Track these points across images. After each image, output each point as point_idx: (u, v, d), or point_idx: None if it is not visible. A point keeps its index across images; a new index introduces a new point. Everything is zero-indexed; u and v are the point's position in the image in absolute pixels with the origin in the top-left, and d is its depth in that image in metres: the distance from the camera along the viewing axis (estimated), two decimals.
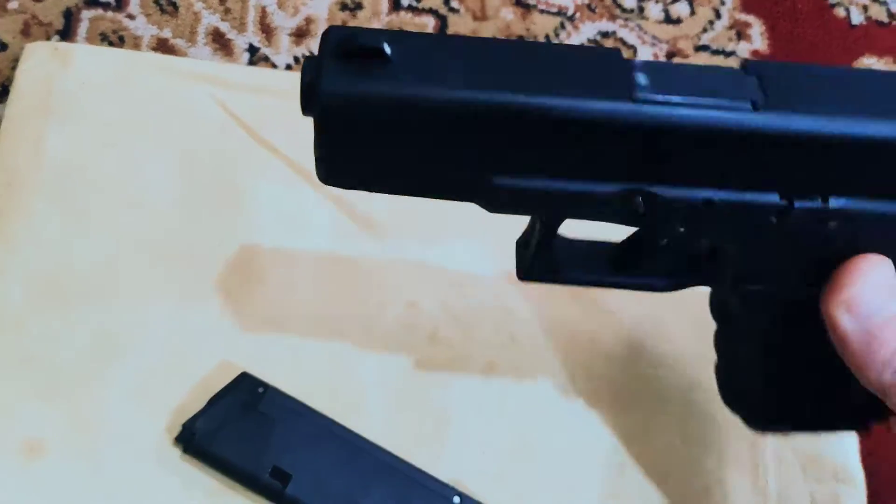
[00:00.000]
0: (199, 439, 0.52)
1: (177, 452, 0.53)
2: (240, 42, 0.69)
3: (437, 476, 0.52)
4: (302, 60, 0.69)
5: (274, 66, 0.69)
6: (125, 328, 0.56)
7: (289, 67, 0.69)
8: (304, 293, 0.58)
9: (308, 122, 0.40)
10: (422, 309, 0.59)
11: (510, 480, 0.54)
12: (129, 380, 0.55)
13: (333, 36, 0.36)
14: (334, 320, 0.58)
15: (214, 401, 0.53)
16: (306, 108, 0.37)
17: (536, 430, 0.56)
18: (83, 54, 0.64)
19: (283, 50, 0.69)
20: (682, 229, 0.39)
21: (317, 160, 0.39)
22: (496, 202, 0.40)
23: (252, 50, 0.69)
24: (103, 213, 0.59)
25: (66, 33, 0.68)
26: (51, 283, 0.57)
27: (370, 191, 0.40)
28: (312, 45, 0.70)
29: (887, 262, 0.39)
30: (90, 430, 0.53)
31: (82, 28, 0.68)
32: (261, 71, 0.68)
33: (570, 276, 0.45)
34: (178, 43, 0.69)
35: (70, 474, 0.52)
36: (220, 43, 0.69)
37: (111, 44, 0.68)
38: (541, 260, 0.43)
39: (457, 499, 0.51)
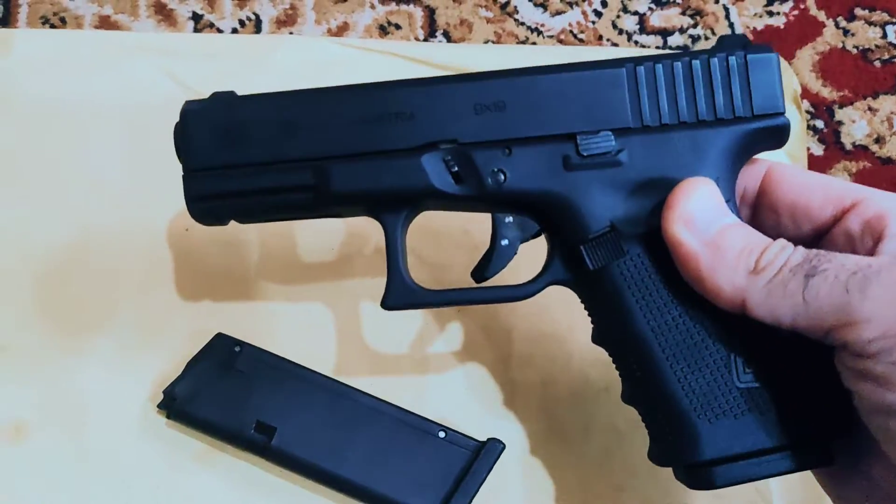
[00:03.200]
0: (180, 404, 0.52)
1: (161, 420, 0.54)
2: (183, 11, 0.68)
3: (422, 414, 0.53)
4: (248, 24, 0.68)
5: (220, 31, 0.68)
6: (94, 307, 0.56)
7: (235, 31, 0.68)
8: (270, 251, 0.58)
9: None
10: None
11: (495, 414, 0.55)
12: (106, 354, 0.55)
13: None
14: (303, 274, 0.58)
15: (192, 364, 0.53)
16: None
17: (514, 365, 0.56)
18: (24, 38, 0.63)
19: (227, 14, 0.69)
20: (501, 177, 0.43)
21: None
22: (338, 211, 0.46)
23: (196, 17, 0.68)
24: (60, 194, 0.59)
25: (6, 20, 0.67)
26: (14, 267, 0.57)
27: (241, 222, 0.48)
28: (256, 7, 0.69)
29: (709, 180, 0.41)
30: (72, 408, 0.54)
31: (22, 13, 0.67)
32: (207, 37, 0.67)
33: (427, 300, 0.46)
34: (121, 18, 0.68)
35: (57, 452, 0.53)
36: (164, 14, 0.68)
37: (53, 26, 0.67)
38: (397, 288, 0.46)
39: (442, 433, 0.52)
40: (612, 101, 0.43)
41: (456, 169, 0.44)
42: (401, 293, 0.46)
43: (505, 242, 0.45)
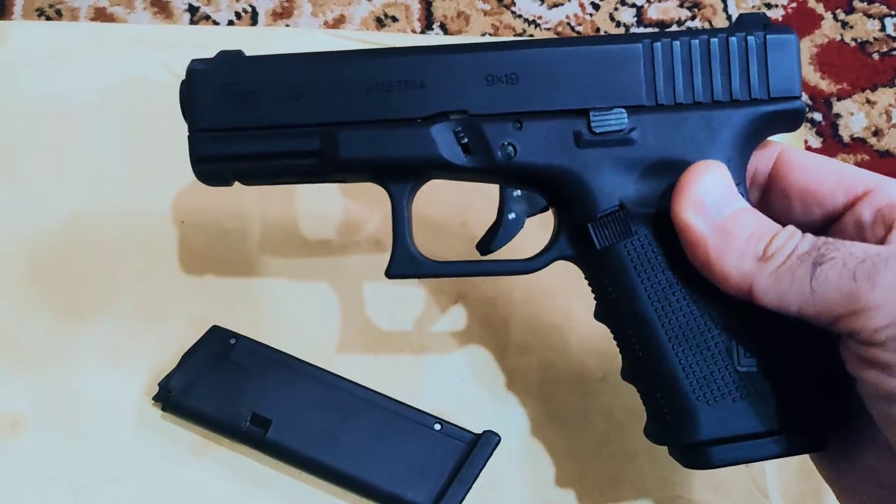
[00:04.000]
0: (176, 396, 0.52)
1: (157, 412, 0.53)
2: (178, 3, 0.68)
3: (417, 406, 0.53)
4: (244, 16, 0.68)
5: (216, 23, 0.68)
6: (91, 297, 0.56)
7: (231, 23, 0.68)
8: (266, 241, 0.58)
9: None
10: (386, 247, 0.59)
11: (491, 402, 0.55)
12: (101, 347, 0.55)
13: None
14: (299, 264, 0.58)
15: (187, 356, 0.53)
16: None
17: (511, 355, 0.56)
18: (19, 30, 0.63)
19: (224, 6, 0.68)
20: (511, 150, 0.43)
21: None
22: (344, 175, 0.45)
23: (192, 10, 0.68)
24: (56, 185, 0.58)
25: (1, 12, 0.67)
26: (9, 259, 0.56)
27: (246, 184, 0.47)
28: (252, 0, 0.69)
29: (721, 164, 0.41)
30: (68, 400, 0.54)
31: (17, 5, 0.67)
32: (203, 29, 0.67)
33: (430, 270, 0.46)
34: (117, 11, 0.68)
35: (53, 445, 0.53)
36: (159, 6, 0.68)
37: (48, 18, 0.67)
38: (401, 256, 0.45)
39: (437, 425, 0.52)
40: (626, 77, 0.42)
41: (465, 140, 0.43)
42: (405, 262, 0.45)
43: (512, 216, 0.45)
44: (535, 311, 0.57)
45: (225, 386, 0.52)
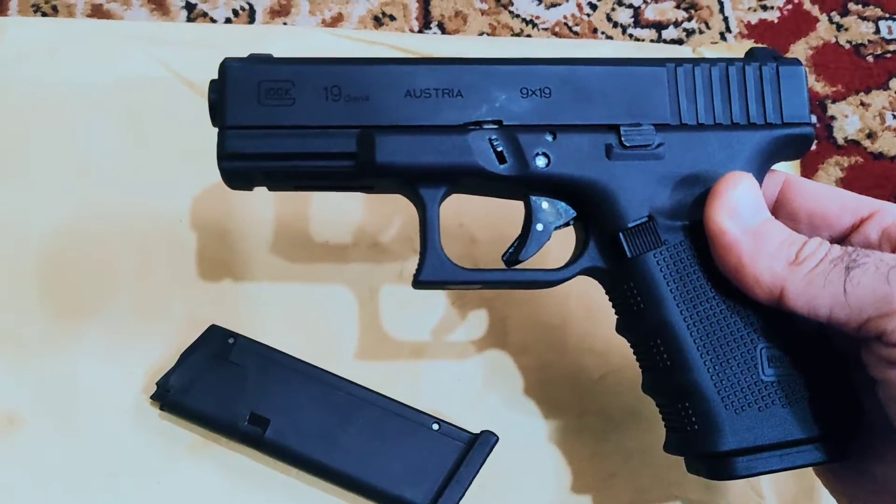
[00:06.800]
0: (174, 395, 0.52)
1: (155, 411, 0.53)
2: (175, 0, 0.68)
3: (415, 406, 0.53)
4: (241, 14, 0.68)
5: (213, 20, 0.68)
6: (89, 295, 0.56)
7: (228, 21, 0.68)
8: (264, 241, 0.58)
9: None
10: (386, 248, 0.59)
11: (489, 403, 0.55)
12: (99, 345, 0.55)
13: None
14: (299, 265, 0.58)
15: (186, 355, 0.53)
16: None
17: (508, 355, 0.57)
18: (16, 26, 0.62)
19: (221, 4, 0.68)
20: (540, 163, 0.44)
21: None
22: (377, 184, 0.45)
23: (189, 7, 0.68)
24: (53, 183, 0.58)
25: None
26: (6, 256, 0.56)
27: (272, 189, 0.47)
28: None
29: (751, 176, 0.43)
30: (66, 398, 0.54)
31: (13, 1, 0.67)
32: (200, 26, 0.67)
33: (462, 278, 0.46)
34: (114, 7, 0.68)
35: (51, 443, 0.53)
36: (156, 3, 0.68)
37: (45, 14, 0.67)
38: (433, 263, 0.45)
39: (435, 425, 0.52)
40: (653, 97, 0.45)
41: (500, 149, 0.44)
42: (436, 268, 0.45)
43: (540, 227, 0.46)
44: (533, 311, 0.57)
45: (223, 385, 0.52)
